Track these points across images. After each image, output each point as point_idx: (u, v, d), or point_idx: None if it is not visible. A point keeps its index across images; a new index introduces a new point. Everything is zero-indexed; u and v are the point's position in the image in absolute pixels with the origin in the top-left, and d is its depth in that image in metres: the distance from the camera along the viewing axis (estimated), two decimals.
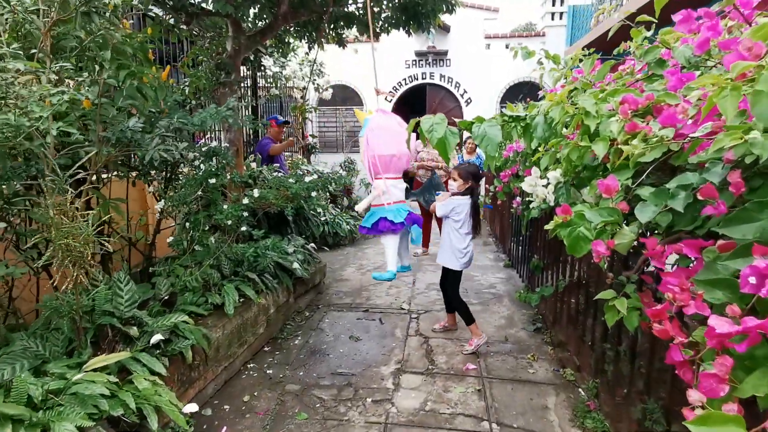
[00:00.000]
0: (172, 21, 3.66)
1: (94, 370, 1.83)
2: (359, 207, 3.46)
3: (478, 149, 6.11)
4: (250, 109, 7.05)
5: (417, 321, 3.82)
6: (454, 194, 3.24)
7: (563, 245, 1.23)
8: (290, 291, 3.75)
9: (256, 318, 3.16)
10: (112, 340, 2.04)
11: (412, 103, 11.39)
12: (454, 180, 3.22)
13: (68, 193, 1.72)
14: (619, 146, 1.14)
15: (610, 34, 1.77)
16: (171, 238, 2.99)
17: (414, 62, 9.96)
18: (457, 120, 1.57)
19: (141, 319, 2.14)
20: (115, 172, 3.16)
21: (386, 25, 5.05)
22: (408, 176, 8.99)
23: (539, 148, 1.81)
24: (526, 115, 1.57)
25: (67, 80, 1.88)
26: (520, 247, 4.98)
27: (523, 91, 9.38)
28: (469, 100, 9.91)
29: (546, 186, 1.67)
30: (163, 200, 2.92)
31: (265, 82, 7.58)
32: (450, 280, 3.32)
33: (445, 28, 9.53)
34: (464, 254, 3.19)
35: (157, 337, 1.98)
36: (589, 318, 2.71)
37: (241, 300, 3.08)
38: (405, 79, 10.07)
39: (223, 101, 3.57)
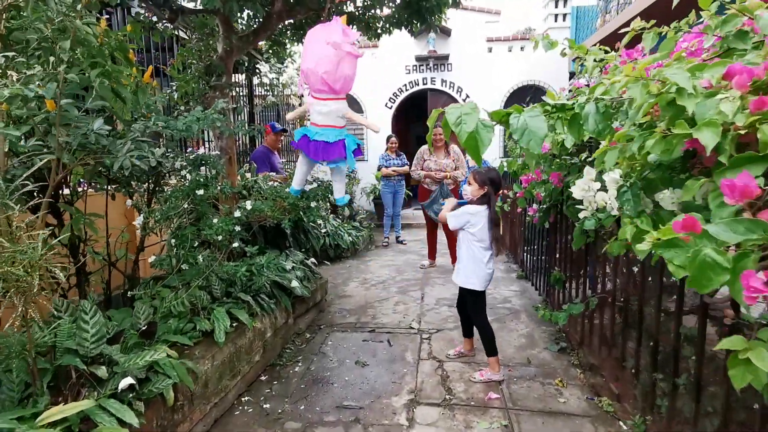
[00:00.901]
0: (155, 18, 3.38)
1: (51, 424, 1.50)
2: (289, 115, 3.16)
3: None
4: (246, 116, 6.78)
5: (429, 342, 3.48)
6: (467, 202, 2.91)
7: (588, 255, 0.92)
8: (289, 312, 3.42)
9: (251, 344, 2.83)
10: (76, 384, 1.71)
11: (413, 110, 11.12)
12: (469, 184, 2.88)
13: (13, 209, 1.41)
14: (737, 131, 0.83)
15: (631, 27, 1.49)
16: (153, 258, 2.66)
17: (414, 67, 9.71)
18: (488, 111, 1.27)
19: (111, 357, 1.82)
20: (92, 184, 2.87)
21: (387, 25, 4.78)
22: (410, 183, 8.66)
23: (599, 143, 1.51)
24: (574, 103, 1.26)
25: (10, 73, 1.57)
26: (535, 257, 4.66)
27: (527, 95, 9.11)
28: None
29: (595, 190, 1.36)
30: (142, 215, 2.60)
31: (262, 90, 7.31)
32: (471, 303, 2.93)
33: (446, 32, 9.30)
34: (487, 272, 2.86)
35: (126, 382, 1.65)
36: (629, 340, 2.38)
37: (233, 325, 2.75)
38: (405, 85, 9.81)
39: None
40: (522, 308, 4.19)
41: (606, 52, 2.44)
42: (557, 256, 3.67)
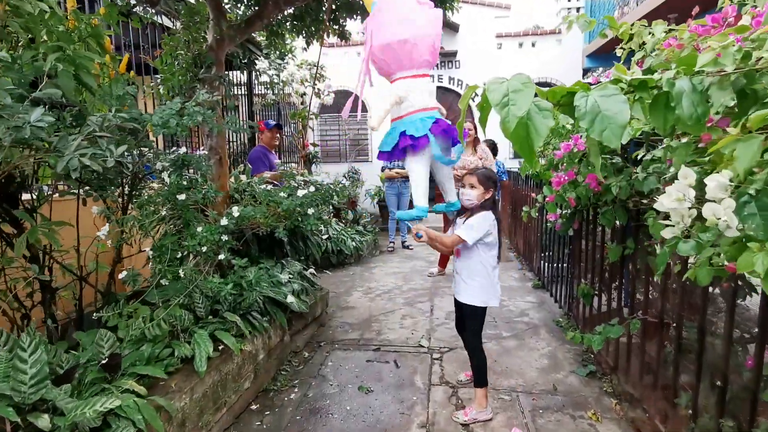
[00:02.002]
0: (134, 1, 3.04)
1: None
2: (372, 121, 2.26)
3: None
4: (245, 114, 6.45)
5: (440, 363, 3.12)
6: (471, 207, 2.46)
7: (624, 267, 0.58)
8: (285, 329, 3.07)
9: (239, 370, 2.48)
10: None
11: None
12: (472, 187, 2.41)
13: None
14: None
15: None
16: (123, 273, 2.32)
17: None
18: (545, 90, 0.91)
19: (55, 403, 1.47)
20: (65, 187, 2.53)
21: None
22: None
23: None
24: (659, 78, 0.91)
25: None
26: (554, 265, 4.29)
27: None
28: None
29: (693, 201, 0.99)
30: (108, 224, 2.27)
31: (262, 88, 6.98)
32: (473, 323, 2.49)
33: (454, 28, 8.94)
34: (497, 286, 2.48)
35: None
36: (683, 372, 2.01)
37: (220, 348, 2.41)
38: None
39: (205, 102, 2.94)
40: (541, 323, 3.82)
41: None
42: (583, 266, 3.30)
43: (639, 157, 1.90)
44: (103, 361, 1.76)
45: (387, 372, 3.00)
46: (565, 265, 3.93)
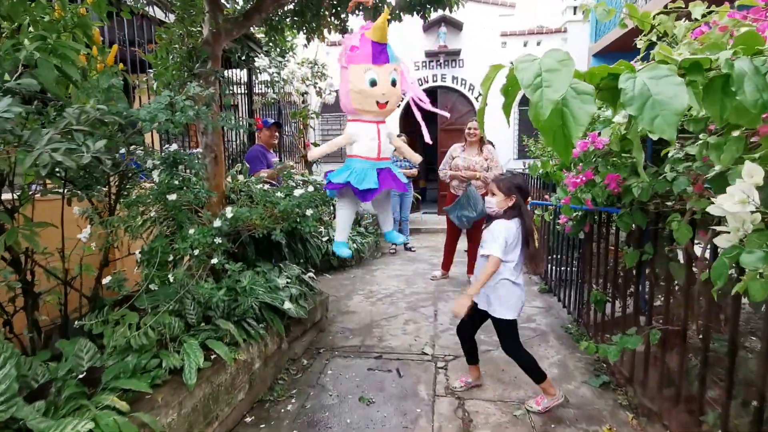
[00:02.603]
0: None
1: None
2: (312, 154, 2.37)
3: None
4: (245, 113, 6.32)
5: (445, 372, 2.97)
6: (494, 215, 2.42)
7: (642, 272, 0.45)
8: (282, 336, 2.93)
9: (233, 381, 2.34)
10: None
11: (422, 109, 10.63)
12: (493, 195, 2.42)
13: None
14: None
15: None
16: (108, 278, 2.18)
17: (424, 63, 9.22)
18: (582, 71, 0.77)
19: (26, 422, 1.33)
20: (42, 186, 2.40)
21: (397, 11, 4.29)
22: (419, 186, 8.15)
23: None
24: (717, 59, 0.77)
25: None
26: (562, 269, 4.14)
27: None
28: None
29: (757, 204, 0.85)
30: (90, 225, 2.13)
31: (262, 87, 6.85)
32: (506, 333, 2.49)
33: (458, 26, 8.81)
34: (521, 297, 2.44)
35: None
36: (710, 388, 1.86)
37: (212, 357, 2.27)
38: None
39: (198, 97, 2.80)
40: (549, 329, 3.67)
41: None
42: (594, 270, 3.16)
43: (664, 156, 1.76)
44: (81, 376, 1.62)
45: (389, 381, 2.86)
46: (573, 269, 3.79)
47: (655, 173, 1.93)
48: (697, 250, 1.94)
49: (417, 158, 2.73)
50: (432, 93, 9.40)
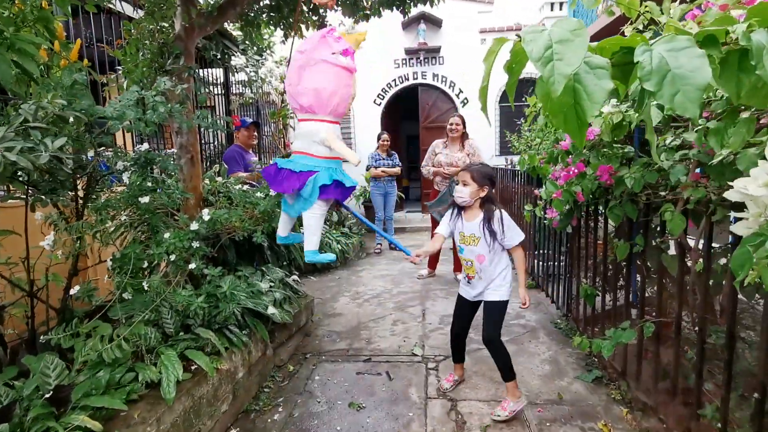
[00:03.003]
0: None
1: None
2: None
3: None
4: (222, 113, 6.14)
5: (436, 373, 2.90)
6: (464, 205, 2.38)
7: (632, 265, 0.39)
8: (266, 342, 2.81)
9: (215, 392, 2.22)
10: None
11: (403, 106, 10.58)
12: (465, 185, 2.35)
13: None
14: None
15: None
16: (77, 288, 2.04)
17: (404, 61, 9.16)
18: (595, 43, 0.70)
19: None
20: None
21: (377, 5, 4.20)
22: (402, 185, 8.13)
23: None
24: (734, 30, 0.70)
25: None
26: (549, 263, 4.12)
27: (525, 90, 8.61)
28: (465, 101, 9.12)
29: None
30: (53, 232, 1.99)
31: (240, 86, 6.68)
32: (500, 317, 2.44)
33: (437, 23, 8.78)
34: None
35: None
36: (707, 381, 1.83)
37: (193, 368, 2.15)
38: (395, 80, 9.25)
39: (171, 95, 2.67)
40: (539, 325, 3.64)
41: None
42: (582, 264, 3.13)
43: (663, 144, 1.72)
44: (48, 395, 1.49)
45: (379, 385, 2.77)
46: (560, 263, 3.77)
47: (646, 163, 1.89)
48: (690, 241, 1.91)
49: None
50: (413, 90, 9.35)
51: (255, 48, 6.09)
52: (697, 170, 1.64)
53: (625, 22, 2.07)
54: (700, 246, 1.80)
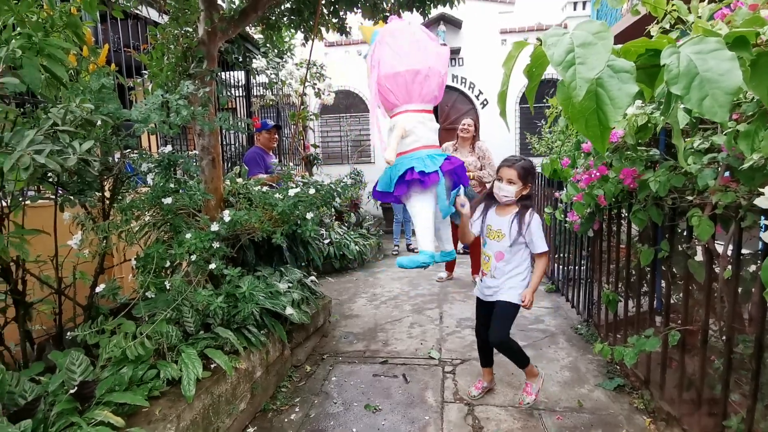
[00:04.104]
0: None
1: None
2: (387, 154, 2.02)
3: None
4: (243, 115, 6.23)
5: (453, 377, 2.88)
6: (507, 203, 2.35)
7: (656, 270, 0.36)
8: (284, 342, 2.84)
9: (234, 390, 2.25)
10: None
11: None
12: (510, 183, 2.29)
13: None
14: None
15: None
16: (102, 286, 2.10)
17: None
18: (619, 46, 0.68)
19: None
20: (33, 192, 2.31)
21: (397, 7, 4.20)
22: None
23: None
24: (765, 31, 0.68)
25: None
26: (570, 268, 4.05)
27: (545, 90, 8.50)
28: (485, 102, 9.04)
29: None
30: (81, 232, 2.04)
31: (260, 89, 6.77)
32: (511, 318, 2.40)
33: (457, 24, 8.72)
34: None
35: None
36: (734, 391, 1.77)
37: (212, 367, 2.18)
38: None
39: (193, 98, 2.72)
40: (558, 330, 3.58)
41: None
42: (604, 269, 3.06)
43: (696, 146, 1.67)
44: (72, 391, 1.54)
45: (396, 388, 2.77)
46: (581, 267, 3.70)
47: (672, 167, 1.84)
48: (717, 247, 1.85)
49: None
50: None
51: (275, 50, 6.16)
52: (726, 174, 1.59)
53: (650, 22, 2.03)
54: (729, 252, 1.74)
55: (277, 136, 4.35)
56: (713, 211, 1.69)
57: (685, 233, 2.10)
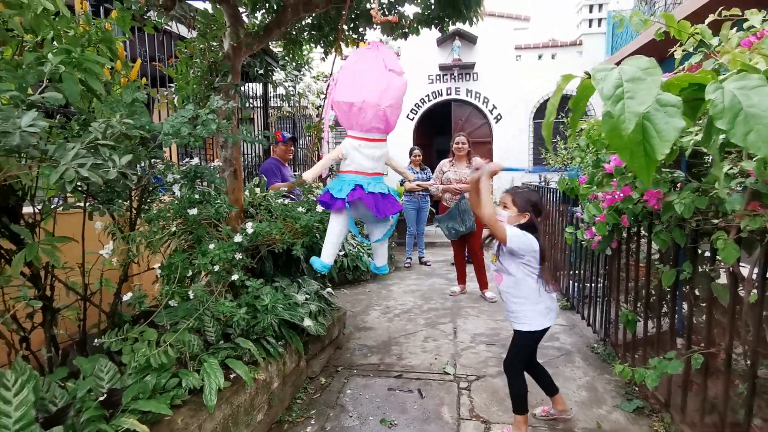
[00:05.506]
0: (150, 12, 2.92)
1: None
2: (305, 174, 2.38)
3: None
4: (260, 126, 6.34)
5: (468, 393, 2.86)
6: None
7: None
8: (301, 354, 2.85)
9: (252, 401, 2.27)
10: None
11: (436, 122, 10.62)
12: (505, 207, 2.25)
13: None
14: None
15: None
16: (129, 294, 2.14)
17: (438, 77, 9.22)
18: (664, 78, 0.71)
19: None
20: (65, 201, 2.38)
21: (415, 24, 4.27)
22: (432, 199, 8.22)
23: None
24: None
25: None
26: (586, 285, 4.02)
27: (561, 107, 8.51)
28: (498, 117, 9.08)
29: None
30: (113, 241, 2.09)
31: (278, 100, 6.88)
32: (514, 347, 2.35)
33: (472, 40, 8.82)
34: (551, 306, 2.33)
35: None
36: (758, 416, 1.74)
37: (232, 377, 2.20)
38: (428, 96, 9.32)
39: (218, 111, 2.79)
40: (574, 348, 3.54)
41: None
42: (622, 287, 3.04)
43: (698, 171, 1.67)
44: (101, 399, 1.56)
45: (411, 402, 2.76)
46: (597, 285, 3.67)
47: (696, 189, 1.84)
48: (742, 270, 1.84)
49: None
50: (446, 106, 9.39)
51: (294, 64, 6.28)
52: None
53: (667, 42, 2.04)
54: (754, 275, 1.73)
55: (293, 147, 4.41)
56: (738, 235, 1.68)
57: (707, 255, 2.09)
